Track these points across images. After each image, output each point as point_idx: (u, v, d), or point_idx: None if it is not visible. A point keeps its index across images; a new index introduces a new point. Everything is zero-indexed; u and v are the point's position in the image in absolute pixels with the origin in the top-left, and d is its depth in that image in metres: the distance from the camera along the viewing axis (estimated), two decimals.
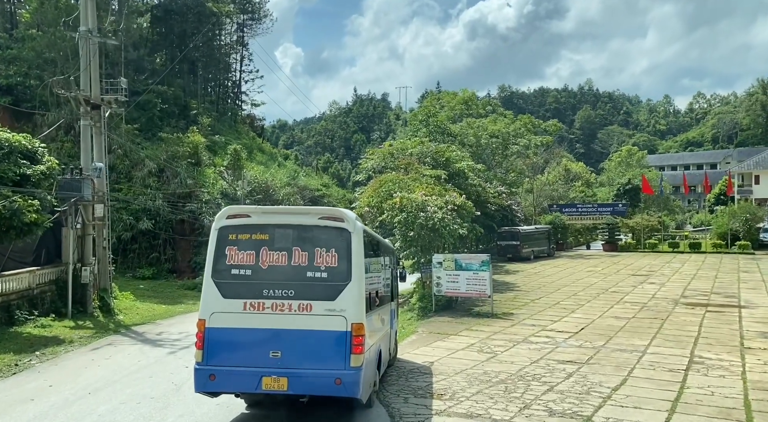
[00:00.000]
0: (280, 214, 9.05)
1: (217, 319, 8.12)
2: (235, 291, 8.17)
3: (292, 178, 51.55)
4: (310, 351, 7.92)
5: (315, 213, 8.56)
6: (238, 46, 74.63)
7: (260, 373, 7.88)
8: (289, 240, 8.26)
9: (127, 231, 36.53)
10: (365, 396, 8.50)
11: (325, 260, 8.14)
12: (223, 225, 8.49)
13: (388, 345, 11.49)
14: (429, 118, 35.98)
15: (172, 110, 48.96)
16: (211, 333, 8.12)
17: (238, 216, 8.48)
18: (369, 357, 8.52)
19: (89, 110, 22.83)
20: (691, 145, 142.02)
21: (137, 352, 15.55)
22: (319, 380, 7.87)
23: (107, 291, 23.65)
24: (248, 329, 8.04)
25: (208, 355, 8.15)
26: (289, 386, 7.88)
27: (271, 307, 8.02)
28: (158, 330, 19.94)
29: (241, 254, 8.25)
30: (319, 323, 7.95)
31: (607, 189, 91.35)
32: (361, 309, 8.17)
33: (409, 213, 22.75)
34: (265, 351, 7.95)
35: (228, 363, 8.06)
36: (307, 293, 8.08)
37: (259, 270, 8.19)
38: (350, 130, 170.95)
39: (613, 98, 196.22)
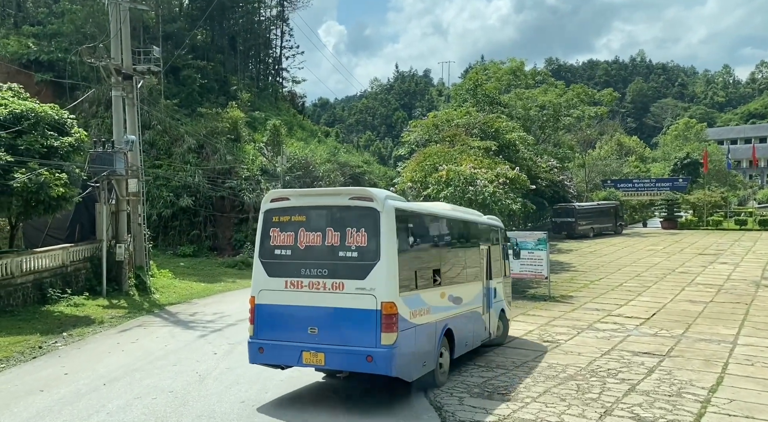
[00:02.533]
0: (314, 196, 9.29)
1: (264, 296, 8.68)
2: (278, 270, 8.59)
3: (332, 155, 50.18)
4: (343, 328, 8.13)
5: (345, 193, 8.67)
6: (278, 20, 73.31)
7: (300, 348, 8.27)
8: (323, 221, 8.47)
9: (168, 209, 36.01)
10: (408, 375, 8.42)
11: (355, 239, 8.22)
12: (267, 208, 8.87)
13: (473, 325, 11.09)
14: (476, 87, 33.72)
15: (212, 85, 48.15)
16: (259, 309, 8.70)
17: (279, 199, 8.84)
18: (413, 335, 8.43)
19: (120, 80, 21.83)
20: (753, 117, 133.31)
21: (166, 335, 14.53)
22: (352, 356, 8.06)
23: (143, 269, 22.92)
24: (289, 306, 8.45)
25: (258, 330, 8.72)
26: (326, 361, 8.20)
27: (308, 286, 8.33)
28: (192, 310, 18.99)
29: (282, 235, 8.62)
30: (350, 301, 8.10)
31: (662, 164, 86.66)
32: (392, 287, 8.07)
33: (456, 187, 20.96)
34: (304, 327, 8.30)
35: (273, 337, 8.54)
36: (339, 272, 8.23)
37: (297, 250, 8.50)
38: (391, 107, 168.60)
39: (667, 69, 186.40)
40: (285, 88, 76.03)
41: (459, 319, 10.24)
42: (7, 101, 17.26)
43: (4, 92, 18.07)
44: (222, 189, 36.94)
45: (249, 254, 35.46)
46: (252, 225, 37.57)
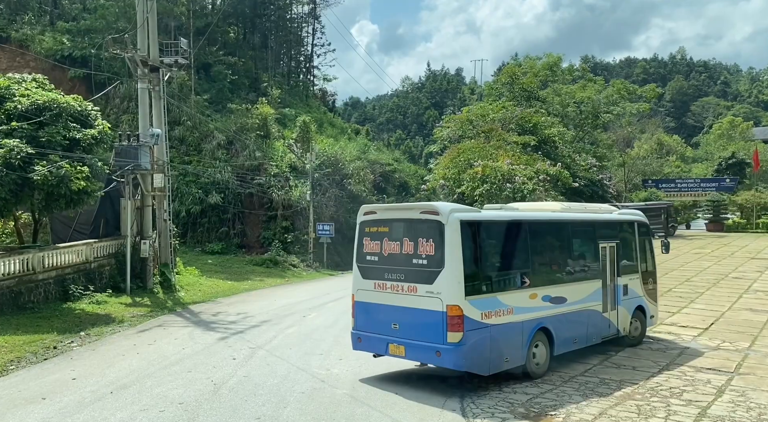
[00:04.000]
0: (394, 210, 10.87)
1: (360, 295, 10.15)
2: (369, 273, 9.97)
3: (362, 152, 49.33)
4: (417, 326, 9.26)
5: (417, 208, 9.95)
6: (310, 18, 72.91)
7: (387, 340, 9.63)
8: (401, 232, 9.64)
9: (197, 205, 35.72)
10: (482, 369, 9.29)
11: (425, 249, 9.22)
12: (361, 220, 10.27)
13: (585, 323, 11.35)
14: (513, 80, 32.35)
15: (242, 82, 47.83)
16: (357, 305, 10.19)
17: (370, 212, 10.24)
18: (486, 334, 9.18)
19: (147, 72, 21.32)
20: None
21: (186, 337, 13.79)
22: (425, 351, 9.25)
23: (168, 266, 22.40)
24: (378, 304, 9.81)
25: (357, 322, 10.25)
26: (406, 353, 9.49)
27: (390, 288, 9.61)
28: (216, 310, 18.29)
29: (372, 243, 9.98)
30: (422, 303, 9.17)
31: (704, 164, 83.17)
32: (456, 292, 8.93)
33: (493, 184, 19.81)
34: (389, 323, 9.59)
35: (367, 329, 10.04)
36: (413, 277, 9.34)
37: (382, 257, 9.81)
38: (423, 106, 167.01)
39: (708, 67, 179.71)
40: (316, 87, 75.67)
41: (560, 318, 10.65)
42: (30, 92, 16.83)
43: (29, 83, 17.68)
44: (251, 186, 36.45)
45: (277, 252, 34.89)
46: (281, 222, 37.01)
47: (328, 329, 15.01)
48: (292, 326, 15.35)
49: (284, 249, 35.37)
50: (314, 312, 17.97)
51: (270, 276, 30.29)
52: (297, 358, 11.56)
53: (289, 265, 33.84)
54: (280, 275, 31.09)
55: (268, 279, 29.11)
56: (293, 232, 36.80)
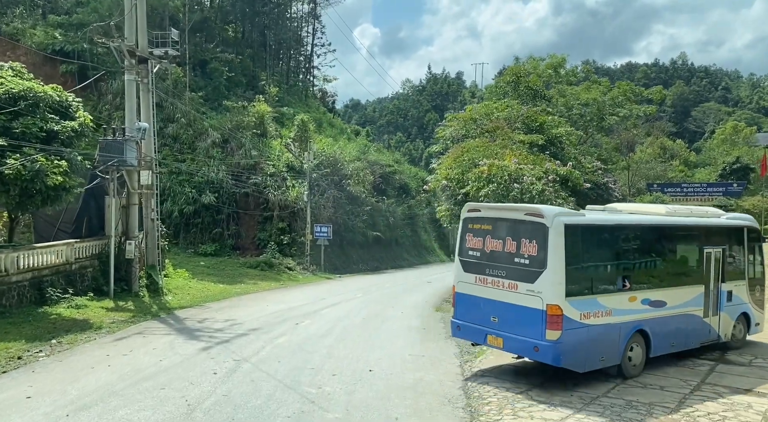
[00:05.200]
0: (499, 210, 10.87)
1: (461, 287, 10.58)
2: (471, 268, 10.37)
3: (362, 153, 48.25)
4: (516, 321, 9.57)
5: (522, 209, 10.14)
6: (310, 17, 71.89)
7: (485, 332, 10.06)
8: (504, 231, 9.95)
9: (190, 205, 34.54)
10: (578, 366, 9.61)
11: (527, 249, 9.50)
12: (465, 216, 10.65)
13: (683, 326, 11.23)
14: (518, 79, 31.26)
15: (240, 80, 46.68)
16: (458, 296, 10.66)
17: (474, 210, 10.65)
18: (584, 334, 9.41)
19: (134, 63, 20.18)
20: None
21: (165, 346, 12.63)
22: (523, 345, 9.57)
23: (155, 269, 21.20)
24: (478, 297, 10.18)
25: (457, 312, 10.70)
26: (504, 345, 9.87)
27: (491, 283, 9.97)
28: (203, 316, 17.12)
29: (474, 239, 10.36)
30: (522, 300, 9.48)
31: (708, 169, 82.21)
32: (557, 292, 9.20)
33: (499, 184, 18.67)
34: (488, 315, 9.99)
35: (467, 319, 10.48)
36: (514, 275, 9.64)
37: (484, 253, 10.18)
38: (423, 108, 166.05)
39: (709, 73, 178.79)
40: (316, 87, 74.59)
41: (659, 321, 10.64)
42: (4, 80, 15.69)
43: (4, 71, 16.53)
44: (246, 185, 35.28)
45: (273, 254, 33.70)
46: (277, 224, 35.84)
47: (323, 339, 13.87)
48: (283, 335, 14.19)
49: (280, 252, 34.20)
50: (308, 319, 16.82)
51: (264, 279, 29.14)
52: (285, 373, 10.40)
53: (285, 268, 32.67)
54: (275, 278, 29.94)
55: (262, 282, 27.96)
56: (290, 234, 35.66)
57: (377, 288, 27.81)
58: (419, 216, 54.90)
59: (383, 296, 24.13)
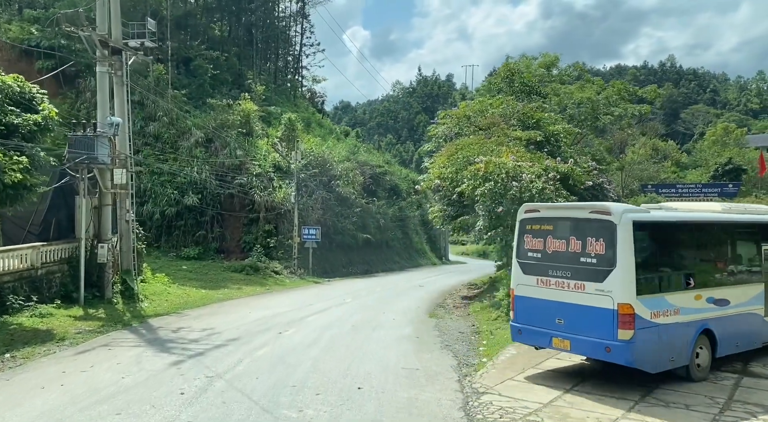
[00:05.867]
0: (560, 209, 10.71)
1: (520, 289, 10.36)
2: (531, 269, 10.18)
3: (351, 153, 47.05)
4: (585, 322, 9.36)
5: (587, 207, 9.87)
6: (299, 17, 70.69)
7: (550, 334, 9.84)
8: (567, 231, 9.78)
9: (172, 207, 33.16)
10: (649, 367, 9.32)
11: (594, 248, 9.31)
12: (522, 217, 10.48)
13: (746, 326, 11.02)
14: (513, 74, 30.29)
15: (225, 78, 45.34)
16: (517, 299, 10.42)
17: (532, 210, 10.49)
18: (655, 333, 9.18)
19: (107, 54, 18.92)
20: None
21: (131, 360, 11.37)
22: (593, 346, 9.35)
23: (131, 273, 19.90)
24: (540, 299, 9.99)
25: (517, 315, 10.45)
26: (571, 347, 9.66)
27: (554, 284, 9.79)
28: (179, 325, 15.86)
29: (533, 240, 10.19)
30: (590, 300, 9.29)
31: (699, 170, 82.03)
32: (628, 291, 8.97)
33: (497, 182, 17.56)
34: (553, 317, 9.79)
35: (528, 323, 10.23)
36: (580, 275, 9.45)
37: (545, 254, 9.99)
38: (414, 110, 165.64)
39: (698, 75, 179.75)
40: (304, 87, 73.38)
41: (723, 320, 10.41)
42: None
43: None
44: (231, 186, 33.98)
45: (259, 258, 32.40)
46: (263, 226, 34.56)
47: (308, 349, 12.68)
48: (264, 346, 12.98)
49: (266, 255, 32.92)
50: (293, 328, 15.62)
51: (249, 283, 27.87)
52: (263, 392, 9.20)
53: (271, 272, 31.40)
54: (261, 283, 28.67)
55: (247, 287, 26.70)
56: (276, 236, 34.37)
57: (367, 292, 26.64)
58: (410, 218, 53.80)
59: (374, 301, 22.97)
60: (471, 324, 17.22)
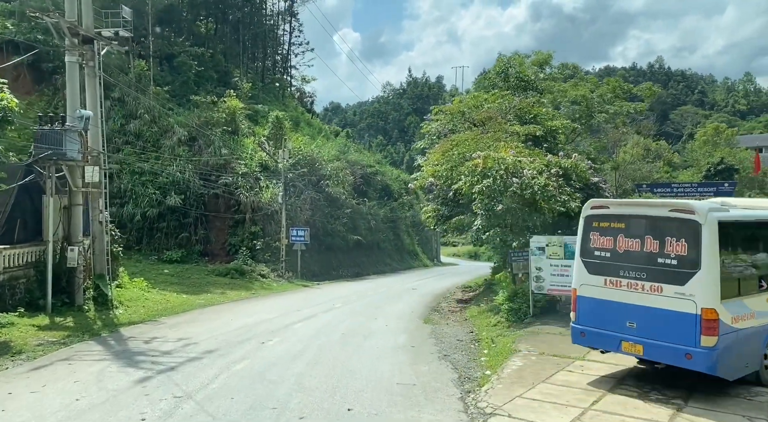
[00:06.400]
0: (633, 206, 10.06)
1: (585, 290, 9.89)
2: (598, 269, 9.69)
3: (342, 152, 45.86)
4: (662, 326, 8.83)
5: (666, 205, 9.29)
6: (287, 15, 69.41)
7: (620, 338, 9.32)
8: (642, 229, 9.26)
9: (154, 208, 31.78)
10: (729, 374, 8.90)
11: (674, 248, 8.81)
12: (588, 214, 9.98)
13: None
14: (508, 69, 29.26)
15: (210, 75, 43.97)
16: (581, 300, 9.97)
17: (599, 207, 9.91)
18: (734, 339, 8.74)
19: (77, 43, 17.58)
20: None
21: (92, 378, 10.09)
22: (671, 352, 8.79)
23: (104, 278, 18.55)
24: (609, 301, 9.49)
25: (579, 317, 10.00)
26: (644, 352, 9.14)
27: (626, 285, 9.28)
28: (153, 334, 14.56)
29: (601, 239, 9.71)
30: (669, 303, 8.75)
31: (691, 171, 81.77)
32: (712, 295, 8.52)
33: (496, 178, 16.46)
34: (623, 320, 9.29)
35: (593, 325, 9.76)
36: (658, 276, 8.93)
37: (616, 253, 9.49)
38: (404, 111, 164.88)
39: (686, 77, 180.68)
40: (293, 87, 72.09)
41: None
42: None
43: None
44: (216, 186, 32.66)
45: (244, 261, 31.10)
46: (249, 227, 33.26)
47: (292, 363, 11.46)
48: (243, 359, 11.73)
49: (252, 258, 31.63)
50: (277, 337, 14.39)
51: (234, 288, 26.57)
52: (237, 417, 7.99)
53: (258, 275, 30.10)
54: (246, 287, 27.37)
55: (231, 292, 25.40)
56: (263, 238, 33.08)
57: (358, 296, 25.43)
58: (402, 219, 52.67)
59: (365, 306, 21.78)
60: (469, 331, 16.09)
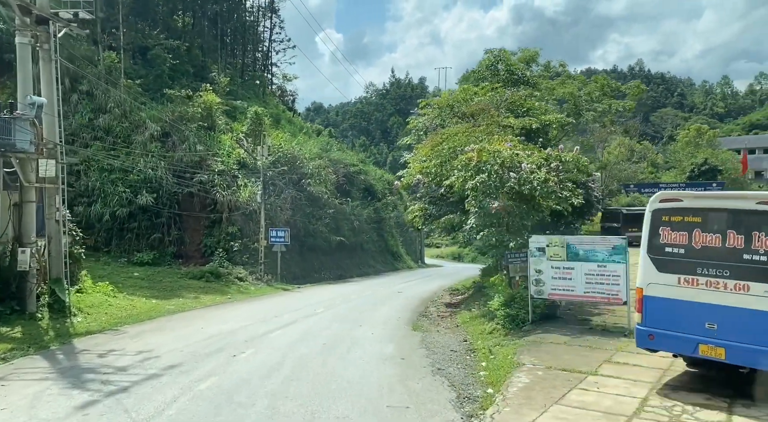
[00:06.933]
0: (712, 199, 9.61)
1: (653, 289, 9.12)
2: (669, 267, 8.97)
3: (324, 151, 44.35)
4: (749, 328, 8.27)
5: (752, 197, 8.78)
6: (268, 11, 67.69)
7: (696, 340, 8.62)
8: (723, 224, 8.69)
9: (124, 207, 29.96)
10: None
11: (764, 244, 8.23)
12: (656, 207, 9.32)
13: None
14: (498, 62, 28.10)
15: (186, 69, 42.17)
16: (648, 300, 9.19)
17: (670, 199, 9.29)
18: None
19: (29, 23, 15.90)
20: (755, 128, 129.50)
21: (25, 403, 8.53)
22: (759, 356, 8.19)
23: (62, 283, 16.83)
24: (682, 301, 8.80)
25: (647, 318, 9.19)
26: (727, 356, 8.44)
27: (705, 284, 8.62)
28: (110, 346, 12.96)
29: (673, 234, 9.03)
30: (758, 303, 8.19)
31: (674, 171, 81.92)
32: None
33: (491, 173, 15.18)
34: (701, 322, 8.60)
35: (664, 327, 8.99)
36: (744, 274, 8.37)
37: (691, 250, 8.80)
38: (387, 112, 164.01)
39: (665, 79, 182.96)
40: (274, 85, 70.39)
41: None
42: None
43: None
44: (191, 184, 30.96)
45: (221, 263, 29.40)
46: (226, 228, 31.60)
47: (267, 379, 10.00)
48: (210, 375, 10.23)
49: (229, 260, 29.97)
50: (251, 348, 12.90)
51: (209, 292, 24.95)
52: None
53: (235, 279, 28.47)
54: (222, 291, 25.75)
55: (206, 296, 23.78)
56: (241, 239, 31.44)
57: (342, 300, 23.99)
58: (386, 219, 51.33)
59: (349, 311, 20.35)
60: (463, 339, 14.75)
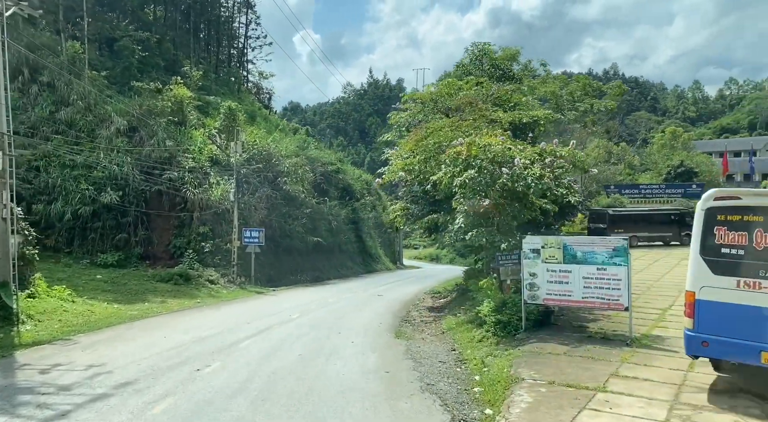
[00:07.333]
0: None
1: (708, 293, 8.68)
2: (727, 269, 8.59)
3: (301, 149, 42.95)
4: None
5: None
6: (243, 7, 65.96)
7: (759, 348, 8.24)
8: None
9: (87, 206, 28.14)
10: None
11: None
12: (710, 205, 8.91)
13: None
14: (483, 56, 27.15)
15: (156, 62, 40.39)
16: (701, 304, 8.73)
17: (726, 198, 8.90)
18: None
19: None
20: (725, 132, 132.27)
21: None
22: None
23: (8, 287, 15.24)
24: (743, 305, 8.40)
25: (700, 324, 8.75)
26: None
27: None
28: (56, 360, 11.49)
29: (731, 234, 8.68)
30: None
31: (650, 173, 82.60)
32: None
33: (482, 169, 14.09)
34: (764, 328, 8.22)
35: (721, 333, 8.56)
36: None
37: (752, 251, 8.47)
38: (365, 112, 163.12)
39: (639, 83, 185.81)
40: (250, 82, 68.69)
41: None
42: None
43: None
44: (159, 181, 29.31)
45: (190, 265, 27.81)
46: (197, 228, 30.01)
47: (232, 400, 8.71)
48: (167, 395, 8.90)
49: (200, 261, 28.41)
50: (218, 360, 11.57)
51: (177, 296, 23.43)
52: None
53: (206, 281, 26.94)
54: (192, 295, 24.24)
55: (173, 300, 22.27)
56: (213, 240, 29.90)
57: (319, 304, 22.70)
58: (364, 220, 50.10)
59: (327, 316, 19.09)
60: (451, 348, 13.65)
